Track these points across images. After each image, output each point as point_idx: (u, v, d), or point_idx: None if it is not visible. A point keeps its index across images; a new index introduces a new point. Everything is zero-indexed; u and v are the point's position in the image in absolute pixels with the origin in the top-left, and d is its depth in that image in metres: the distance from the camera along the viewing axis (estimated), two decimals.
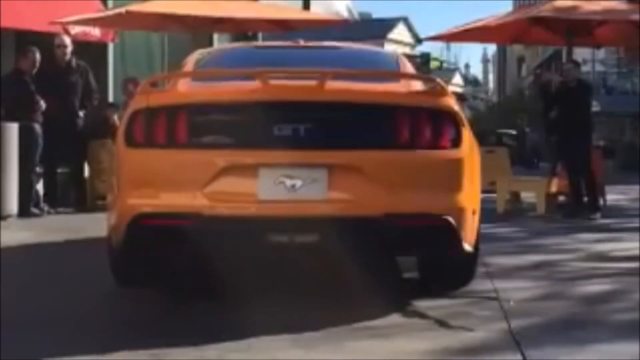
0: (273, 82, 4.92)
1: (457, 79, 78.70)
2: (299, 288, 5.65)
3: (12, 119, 10.15)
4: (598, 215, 10.81)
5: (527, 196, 12.36)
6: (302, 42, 6.61)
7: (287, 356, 4.15)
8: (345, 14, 47.57)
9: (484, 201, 5.58)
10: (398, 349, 4.29)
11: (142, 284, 5.55)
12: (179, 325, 4.76)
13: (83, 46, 12.79)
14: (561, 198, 11.83)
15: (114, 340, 4.37)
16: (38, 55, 10.64)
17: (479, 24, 13.72)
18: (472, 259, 5.40)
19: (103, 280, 5.63)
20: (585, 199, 11.10)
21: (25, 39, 12.62)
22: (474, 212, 5.12)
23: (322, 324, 4.65)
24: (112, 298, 5.54)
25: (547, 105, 11.99)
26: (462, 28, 14.00)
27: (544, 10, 12.61)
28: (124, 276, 5.52)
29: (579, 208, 10.97)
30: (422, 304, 5.19)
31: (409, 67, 6.14)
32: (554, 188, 11.50)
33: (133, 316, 5.06)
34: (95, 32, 14.64)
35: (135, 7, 12.83)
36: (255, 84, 4.91)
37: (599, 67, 52.81)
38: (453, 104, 5.06)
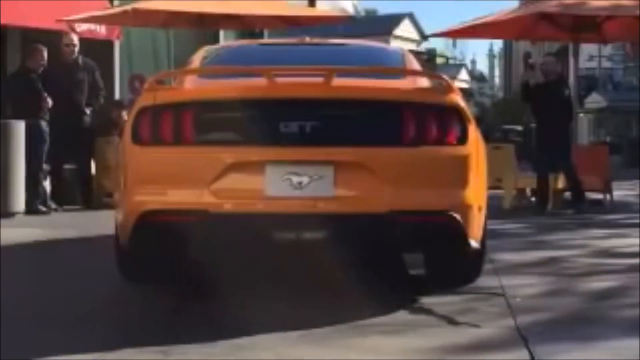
0: (279, 79, 4.93)
1: (463, 74, 78.58)
2: (305, 285, 5.66)
3: (19, 116, 10.18)
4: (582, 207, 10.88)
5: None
6: (308, 39, 6.62)
7: (294, 353, 4.15)
8: (350, 11, 47.57)
9: (490, 197, 5.58)
10: (405, 346, 4.29)
11: (149, 281, 5.56)
12: (185, 322, 4.76)
13: (89, 44, 12.81)
14: (567, 194, 11.81)
15: (120, 338, 4.38)
16: (45, 53, 10.66)
17: (485, 19, 13.70)
18: (478, 255, 5.40)
19: (110, 278, 5.64)
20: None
21: (30, 37, 12.65)
22: (480, 209, 5.12)
23: (328, 321, 4.66)
24: (119, 295, 5.56)
25: (524, 99, 12.13)
26: (468, 24, 14.00)
27: (551, 6, 12.59)
28: (131, 273, 5.54)
29: (581, 202, 10.99)
30: (428, 301, 5.20)
31: (414, 64, 6.14)
32: (560, 184, 11.48)
33: (140, 313, 5.06)
34: (101, 29, 14.67)
35: (141, 5, 12.84)
36: (261, 81, 4.92)
37: (606, 63, 52.70)
38: (459, 100, 5.06)
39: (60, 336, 4.46)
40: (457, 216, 4.85)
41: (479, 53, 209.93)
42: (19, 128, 10.03)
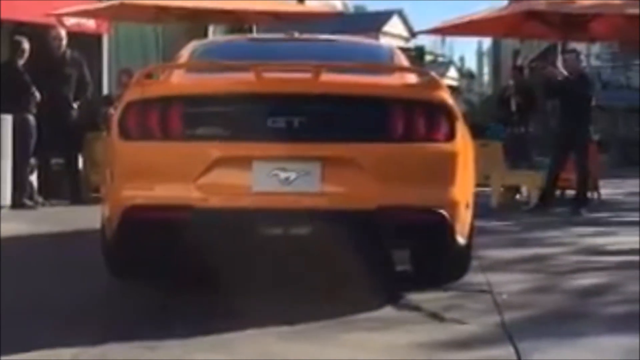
0: (267, 74, 4.92)
1: (452, 72, 78.61)
2: (292, 280, 5.66)
3: (6, 110, 10.14)
4: (584, 210, 10.81)
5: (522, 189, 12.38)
6: (296, 35, 6.61)
7: (280, 348, 4.15)
8: (339, 7, 47.51)
9: (477, 194, 5.59)
10: (391, 342, 4.30)
11: (136, 276, 5.54)
12: (172, 317, 4.76)
13: (77, 37, 12.77)
14: (557, 192, 11.81)
15: (107, 332, 4.36)
16: (26, 45, 10.57)
17: (474, 17, 13.72)
18: (465, 252, 5.40)
19: (97, 273, 5.62)
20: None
21: (18, 30, 12.60)
22: (467, 206, 5.12)
23: (315, 316, 4.66)
24: (105, 290, 5.54)
25: (548, 96, 12.06)
26: (457, 21, 14.00)
27: (539, 4, 12.62)
28: (117, 268, 5.52)
29: (583, 202, 10.94)
30: (415, 297, 5.20)
31: (403, 60, 6.14)
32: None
33: (126, 308, 5.05)
34: (89, 23, 14.64)
35: None
36: (249, 76, 4.90)
37: (594, 62, 52.84)
38: (447, 97, 5.06)
39: (46, 331, 4.44)
40: (445, 213, 4.85)
41: (468, 50, 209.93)
42: (6, 122, 10.00)
